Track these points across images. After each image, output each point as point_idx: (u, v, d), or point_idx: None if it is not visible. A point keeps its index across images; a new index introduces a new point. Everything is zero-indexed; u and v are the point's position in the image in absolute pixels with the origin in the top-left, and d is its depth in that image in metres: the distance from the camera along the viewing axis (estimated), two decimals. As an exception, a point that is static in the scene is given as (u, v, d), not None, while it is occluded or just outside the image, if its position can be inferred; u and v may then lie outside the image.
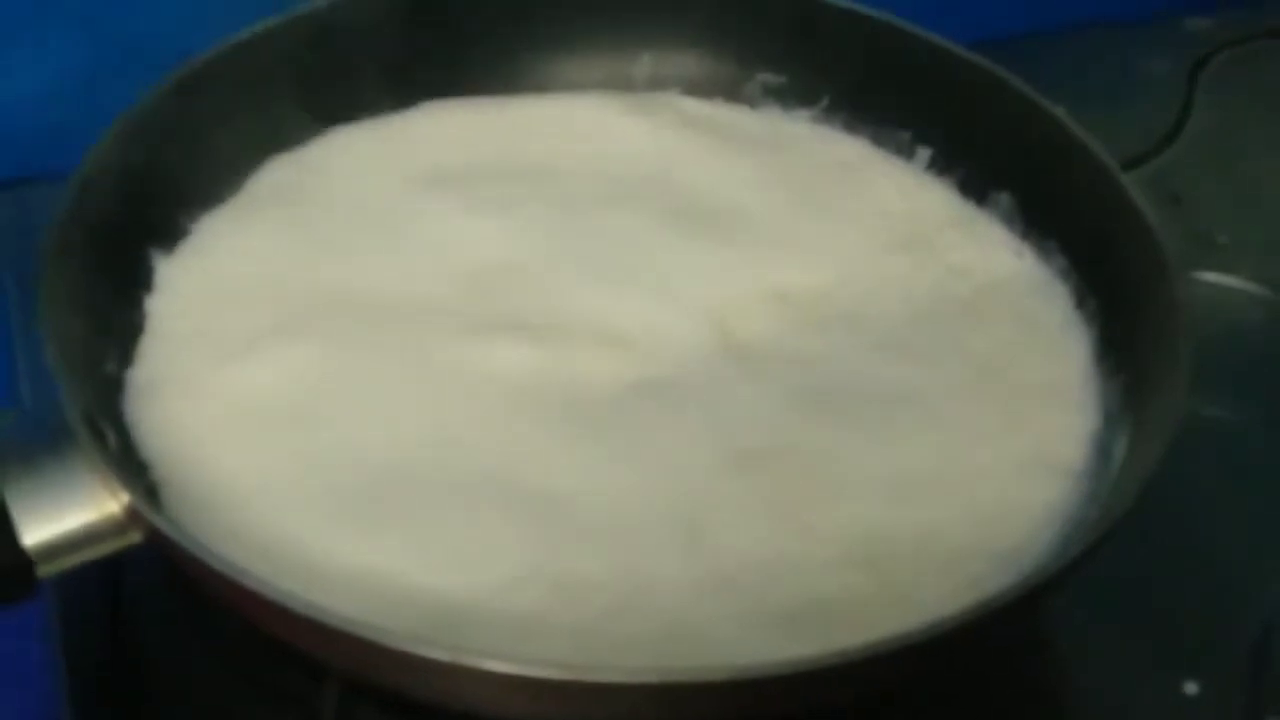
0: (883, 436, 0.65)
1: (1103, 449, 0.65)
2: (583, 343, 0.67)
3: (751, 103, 0.78)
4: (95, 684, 0.64)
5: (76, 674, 0.64)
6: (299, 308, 0.68)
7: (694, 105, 0.78)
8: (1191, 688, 0.65)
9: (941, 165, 0.75)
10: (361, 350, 0.66)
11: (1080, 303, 0.70)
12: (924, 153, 0.76)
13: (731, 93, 0.78)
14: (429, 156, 0.75)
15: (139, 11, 0.82)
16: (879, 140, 0.76)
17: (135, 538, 0.57)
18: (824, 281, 0.70)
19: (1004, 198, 0.73)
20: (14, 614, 0.59)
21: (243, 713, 0.63)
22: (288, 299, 0.68)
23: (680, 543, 0.61)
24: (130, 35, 0.81)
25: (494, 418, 0.64)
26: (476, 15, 0.77)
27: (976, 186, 0.74)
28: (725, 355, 0.67)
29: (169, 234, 0.69)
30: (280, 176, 0.73)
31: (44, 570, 0.57)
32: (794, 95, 0.77)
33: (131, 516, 0.57)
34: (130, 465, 0.61)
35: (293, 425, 0.64)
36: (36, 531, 0.57)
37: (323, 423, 0.64)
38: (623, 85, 0.78)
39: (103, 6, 0.81)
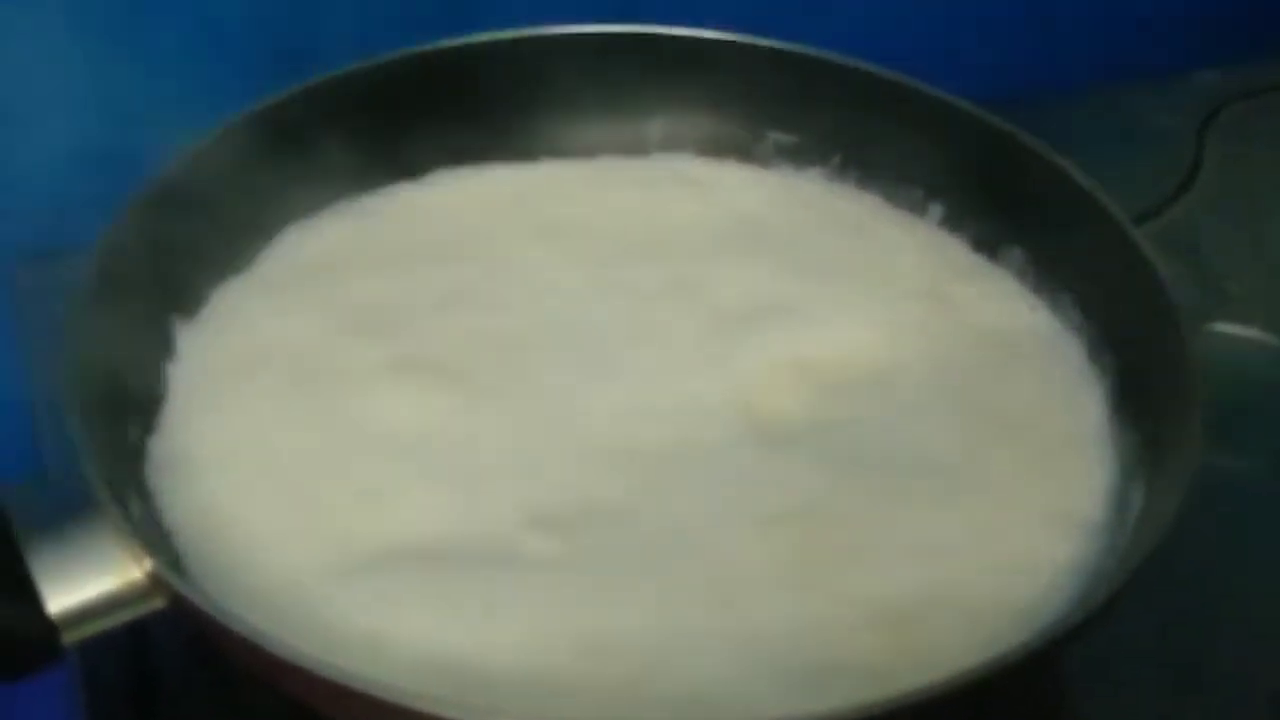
0: (905, 498, 0.65)
1: (1120, 501, 0.65)
2: (601, 412, 0.67)
3: (764, 162, 0.78)
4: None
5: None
6: (317, 375, 0.68)
7: (706, 169, 0.79)
8: (1213, 737, 0.65)
9: (954, 221, 0.76)
10: (379, 417, 0.67)
11: (1094, 356, 0.70)
12: (936, 209, 0.76)
13: (744, 153, 0.79)
14: (443, 226, 0.75)
15: (155, 83, 0.82)
16: (891, 198, 0.77)
17: (159, 604, 0.57)
18: (843, 346, 0.71)
19: (1017, 252, 0.74)
20: (39, 683, 0.59)
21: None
22: (305, 367, 0.69)
23: (705, 605, 0.61)
24: (147, 107, 0.82)
25: (513, 481, 0.65)
26: (486, 83, 0.78)
27: (989, 242, 0.75)
28: (748, 422, 0.67)
29: (189, 302, 0.70)
30: (296, 245, 0.74)
31: (68, 638, 0.57)
32: (806, 154, 0.78)
33: (155, 582, 0.57)
34: (153, 532, 0.61)
35: (313, 492, 0.64)
36: (60, 599, 0.57)
37: (344, 489, 0.64)
38: (636, 148, 0.79)
39: (119, 79, 0.82)
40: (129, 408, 0.65)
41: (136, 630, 0.59)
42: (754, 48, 0.78)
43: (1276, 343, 0.80)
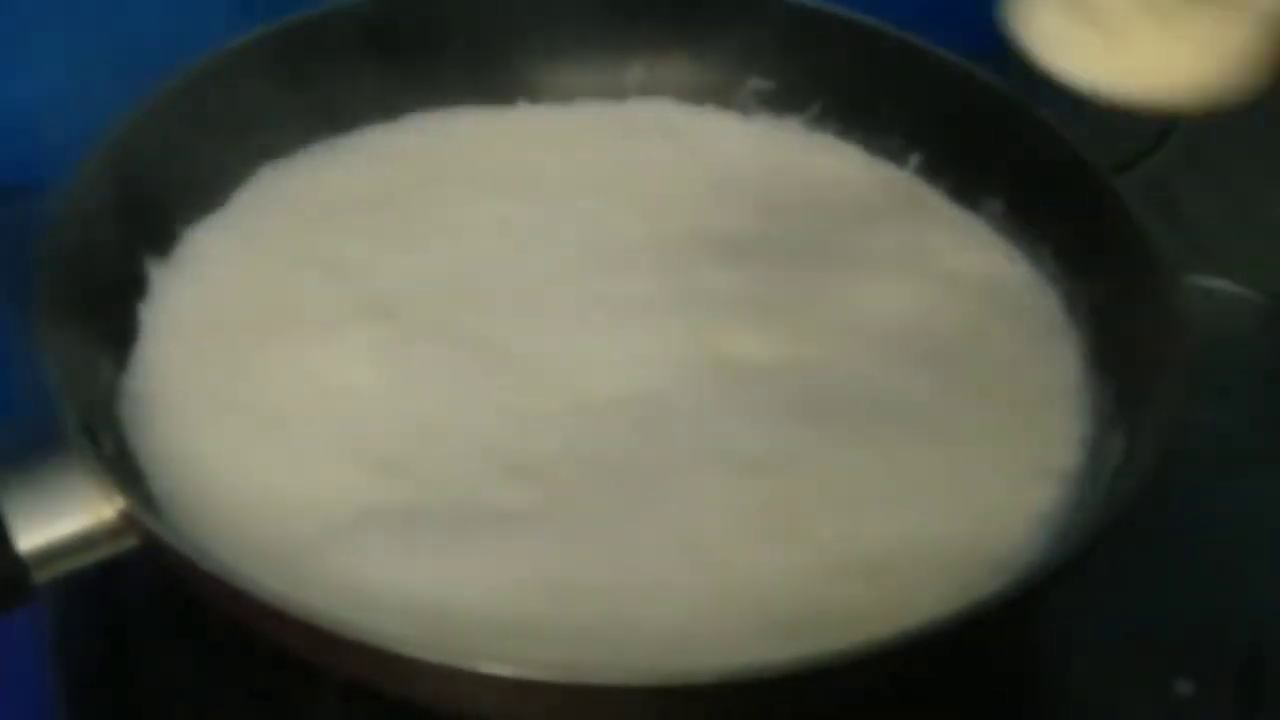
0: (879, 444, 0.65)
1: (1096, 453, 0.65)
2: (571, 361, 0.67)
3: (743, 109, 0.78)
4: (90, 692, 0.63)
5: (71, 682, 0.64)
6: (287, 320, 0.68)
7: (684, 115, 0.78)
8: (1185, 688, 0.65)
9: (933, 171, 0.75)
10: (353, 357, 0.66)
11: (1072, 308, 0.70)
12: (915, 158, 0.76)
13: (723, 99, 0.78)
14: (417, 169, 0.75)
15: (129, 22, 0.81)
16: (870, 146, 0.77)
17: (131, 543, 0.57)
18: (817, 291, 0.70)
19: (995, 203, 0.73)
20: (9, 621, 0.58)
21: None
22: (278, 306, 0.68)
23: (678, 552, 0.61)
24: (120, 46, 0.81)
25: (485, 425, 0.64)
26: (466, 25, 0.77)
27: (968, 192, 0.74)
28: (720, 370, 0.67)
29: (162, 241, 0.69)
30: (271, 185, 0.73)
31: (40, 576, 0.57)
32: (785, 102, 0.78)
33: (127, 521, 0.57)
34: (126, 470, 0.61)
35: (286, 432, 0.64)
36: (32, 537, 0.56)
37: (317, 430, 0.64)
38: (614, 93, 0.78)
39: (92, 17, 0.81)
40: (102, 346, 0.65)
41: (107, 572, 0.59)
42: (735, -8, 0.78)
43: (1250, 295, 0.80)
